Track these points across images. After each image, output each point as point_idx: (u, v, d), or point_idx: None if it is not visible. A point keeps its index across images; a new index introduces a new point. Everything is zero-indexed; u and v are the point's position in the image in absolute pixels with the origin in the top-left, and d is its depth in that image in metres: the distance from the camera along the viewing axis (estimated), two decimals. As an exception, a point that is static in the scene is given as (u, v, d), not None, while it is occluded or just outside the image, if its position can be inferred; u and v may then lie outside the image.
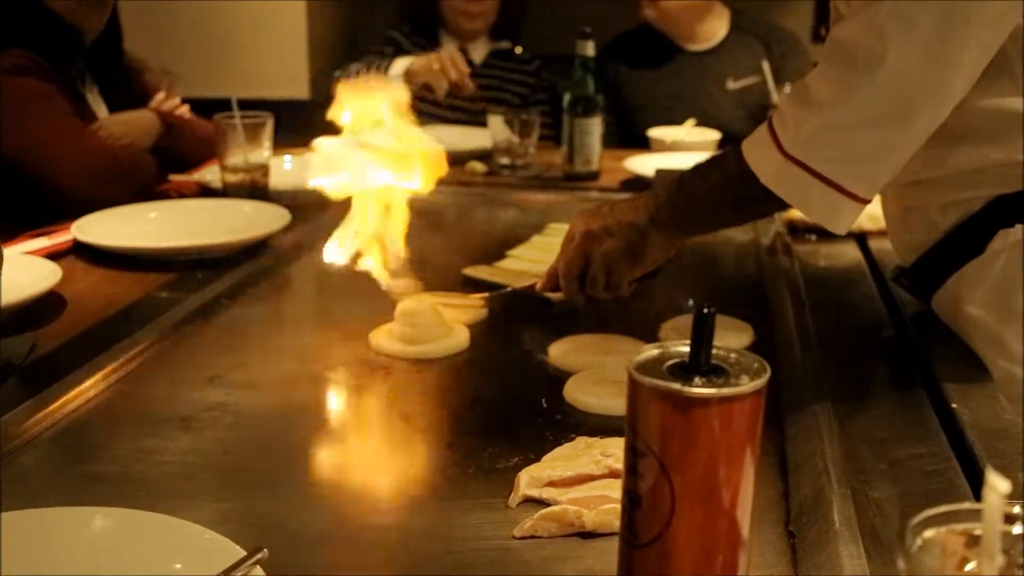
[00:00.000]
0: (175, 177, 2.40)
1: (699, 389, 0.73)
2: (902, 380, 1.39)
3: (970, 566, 0.61)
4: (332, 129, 1.71)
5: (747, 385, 0.74)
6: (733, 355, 0.78)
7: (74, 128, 2.28)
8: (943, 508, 0.63)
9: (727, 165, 1.32)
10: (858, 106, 1.18)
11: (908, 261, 1.47)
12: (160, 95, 2.61)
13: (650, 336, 1.52)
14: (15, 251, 1.74)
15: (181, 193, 2.28)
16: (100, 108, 2.48)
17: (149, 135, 2.45)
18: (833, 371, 1.38)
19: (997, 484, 0.54)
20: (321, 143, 2.86)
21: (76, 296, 1.65)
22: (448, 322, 1.52)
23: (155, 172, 2.40)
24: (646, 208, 1.40)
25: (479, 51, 3.51)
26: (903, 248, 1.48)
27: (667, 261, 1.45)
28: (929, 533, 0.63)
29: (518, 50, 3.59)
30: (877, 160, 1.21)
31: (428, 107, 3.41)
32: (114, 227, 1.94)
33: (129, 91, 2.57)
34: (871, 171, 1.21)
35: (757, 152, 1.27)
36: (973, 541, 0.62)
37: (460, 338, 1.51)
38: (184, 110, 2.64)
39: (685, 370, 0.76)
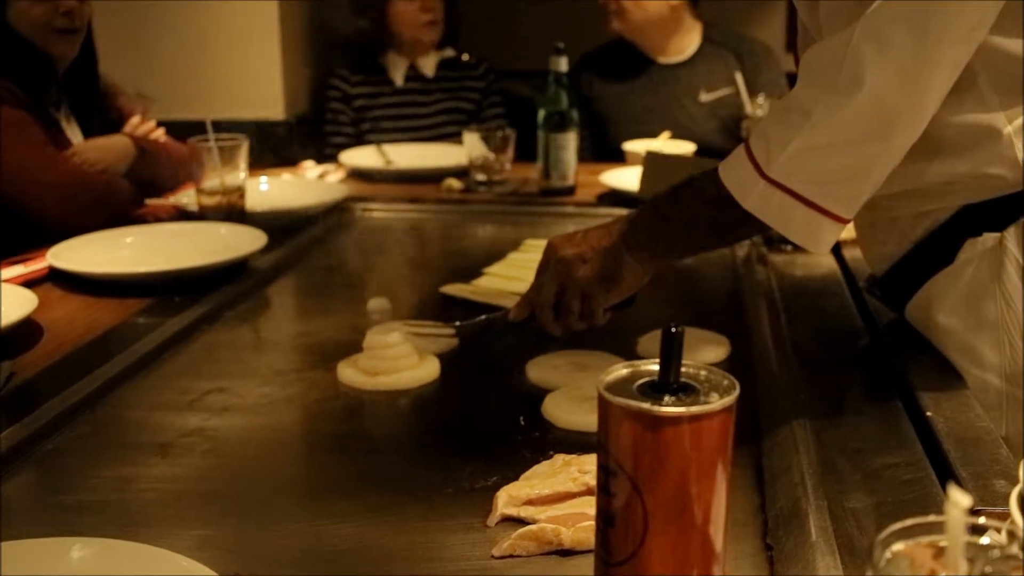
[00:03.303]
0: (151, 201, 2.40)
1: (669, 408, 0.74)
2: (877, 390, 1.40)
3: (938, 578, 0.62)
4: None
5: (717, 403, 0.75)
6: (703, 372, 0.79)
7: (48, 155, 2.28)
8: (910, 521, 0.63)
9: (704, 189, 1.31)
10: (838, 128, 1.19)
11: (880, 271, 1.48)
12: (135, 119, 2.60)
13: (627, 351, 1.52)
14: (-9, 279, 1.73)
15: (158, 217, 2.28)
16: (75, 134, 2.47)
17: (124, 160, 2.45)
18: (809, 382, 1.39)
19: (959, 499, 0.54)
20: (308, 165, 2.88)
21: (53, 323, 1.65)
22: (417, 352, 1.49)
23: (131, 197, 2.40)
24: (620, 233, 1.39)
25: (429, 64, 3.53)
26: (874, 258, 1.49)
27: (643, 287, 1.45)
28: (897, 546, 0.64)
29: (465, 56, 3.60)
30: (857, 180, 1.21)
31: (380, 124, 3.44)
32: (90, 253, 1.94)
33: (104, 116, 2.57)
34: (852, 191, 1.22)
35: (736, 176, 1.27)
36: (941, 553, 0.63)
37: (429, 369, 1.48)
38: (159, 133, 2.64)
39: (655, 389, 0.77)
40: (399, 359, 1.46)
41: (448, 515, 1.09)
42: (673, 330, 0.76)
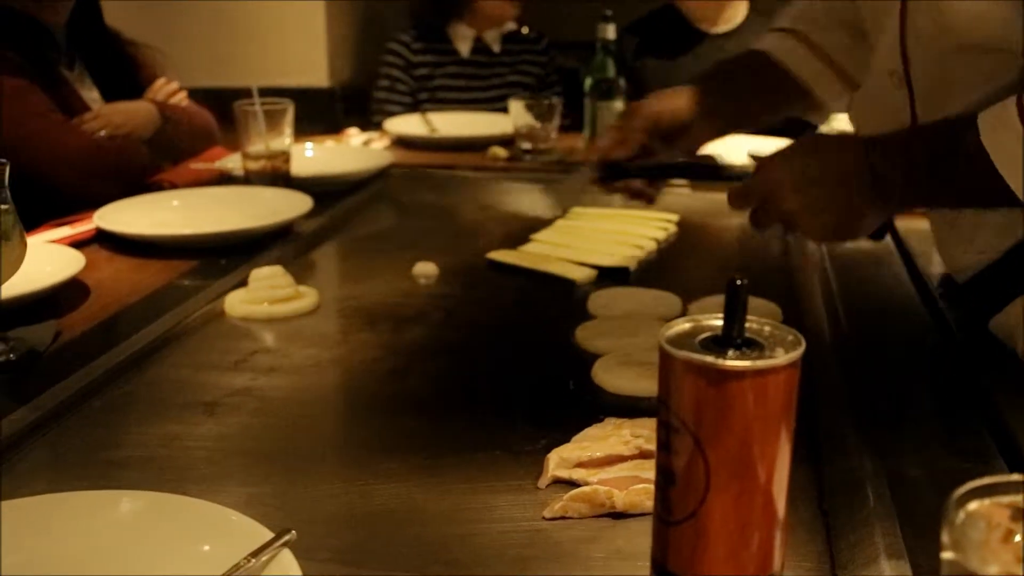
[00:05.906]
0: (195, 165, 2.39)
1: (733, 362, 0.72)
2: (933, 358, 1.38)
3: (1016, 539, 0.60)
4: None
5: (782, 358, 0.72)
6: (767, 328, 0.77)
7: (54, 123, 2.27)
8: (988, 480, 0.61)
9: (965, 141, 1.10)
10: None
11: (975, 266, 1.39)
12: (160, 81, 2.60)
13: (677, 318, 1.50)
14: (39, 240, 1.73)
15: (173, 184, 2.24)
16: (91, 91, 2.46)
17: (148, 126, 2.45)
18: (862, 350, 1.37)
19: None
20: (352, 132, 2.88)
21: (99, 284, 1.65)
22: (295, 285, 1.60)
23: (146, 163, 2.39)
24: (868, 185, 1.18)
25: (495, 38, 3.49)
26: (966, 255, 1.38)
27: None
28: (973, 505, 0.61)
29: (524, 30, 3.56)
30: None
31: (438, 94, 3.40)
32: (137, 215, 1.94)
33: (122, 71, 2.55)
34: None
35: (1000, 135, 1.06)
36: (1019, 514, 0.60)
37: (309, 299, 1.60)
38: (182, 96, 2.63)
39: (718, 343, 0.74)
40: (278, 289, 1.58)
41: (496, 477, 1.08)
42: (738, 283, 0.74)
